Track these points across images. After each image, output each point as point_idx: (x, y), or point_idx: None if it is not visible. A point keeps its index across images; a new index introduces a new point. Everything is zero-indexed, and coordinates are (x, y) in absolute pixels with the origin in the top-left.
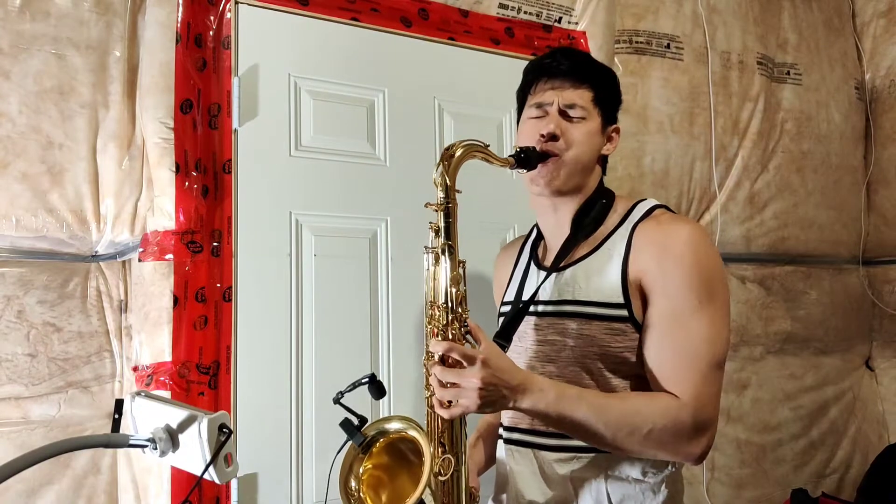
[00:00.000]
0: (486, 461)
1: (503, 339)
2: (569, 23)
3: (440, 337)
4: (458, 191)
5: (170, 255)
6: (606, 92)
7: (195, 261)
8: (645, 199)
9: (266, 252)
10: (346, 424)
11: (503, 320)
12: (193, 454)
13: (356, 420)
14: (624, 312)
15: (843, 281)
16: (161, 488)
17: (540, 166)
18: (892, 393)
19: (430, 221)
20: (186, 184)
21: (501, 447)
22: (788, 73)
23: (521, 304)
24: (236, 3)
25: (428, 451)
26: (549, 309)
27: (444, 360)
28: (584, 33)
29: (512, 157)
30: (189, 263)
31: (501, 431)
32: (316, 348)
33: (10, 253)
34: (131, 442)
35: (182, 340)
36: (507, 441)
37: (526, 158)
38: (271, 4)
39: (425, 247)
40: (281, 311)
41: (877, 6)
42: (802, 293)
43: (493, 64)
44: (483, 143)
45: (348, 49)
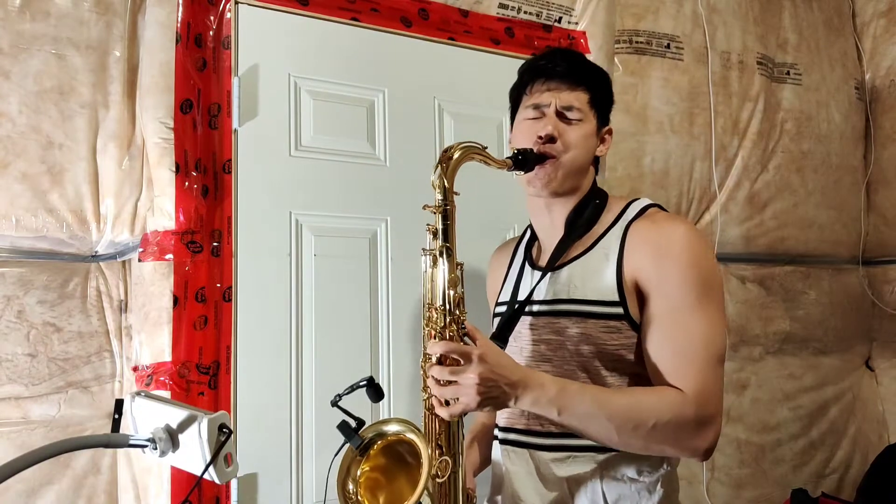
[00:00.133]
0: (482, 462)
1: (499, 339)
2: (569, 23)
3: (437, 339)
4: (456, 193)
5: (170, 255)
6: (602, 94)
7: (195, 261)
8: (638, 198)
9: (266, 252)
10: (343, 427)
11: (499, 321)
12: (193, 454)
13: (354, 422)
14: (619, 310)
15: (843, 281)
16: (161, 488)
17: (537, 168)
18: (892, 393)
19: (428, 223)
20: (186, 184)
21: (497, 448)
22: (788, 73)
23: (517, 305)
24: (236, 3)
25: (426, 453)
26: (545, 308)
27: (441, 361)
28: (584, 33)
29: (510, 158)
30: (189, 263)
31: (497, 432)
32: (316, 348)
33: (10, 253)
34: (131, 442)
35: (182, 340)
36: (502, 442)
37: (523, 160)
38: (271, 4)
39: (423, 249)
40: (281, 311)
41: (877, 6)
42: (802, 293)
43: (493, 64)
44: (481, 145)
45: (348, 49)
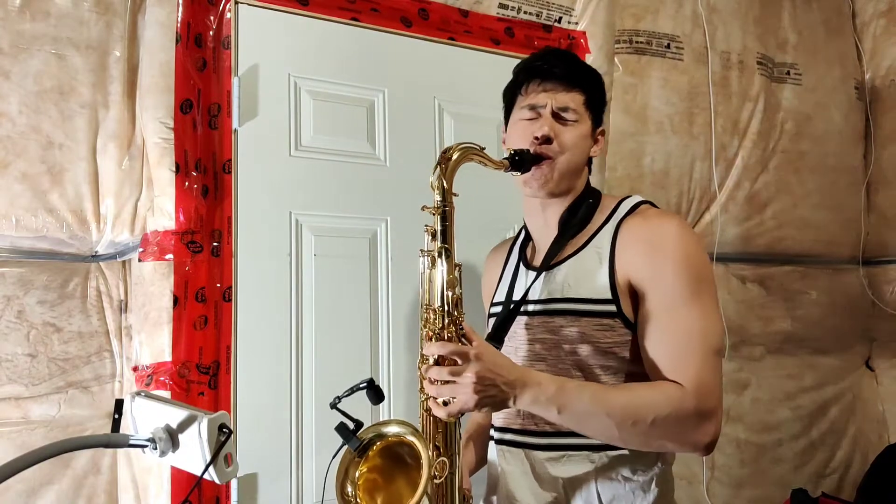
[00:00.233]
0: (477, 462)
1: (495, 340)
2: (569, 23)
3: (435, 339)
4: (455, 194)
5: (170, 255)
6: (596, 95)
7: (195, 261)
8: (630, 195)
9: (266, 252)
10: (341, 429)
11: (494, 321)
12: (193, 454)
13: (352, 424)
14: (612, 308)
15: (843, 281)
16: (161, 488)
17: (534, 169)
18: (892, 393)
19: (427, 224)
20: (186, 184)
21: (493, 448)
22: (788, 73)
23: (512, 305)
24: (236, 3)
25: (426, 456)
26: (539, 308)
27: (438, 362)
28: (584, 33)
29: (506, 159)
30: (189, 263)
31: (493, 432)
32: (316, 348)
33: (10, 253)
34: (131, 442)
35: (182, 340)
36: (498, 442)
37: (520, 161)
38: (271, 4)
39: (421, 250)
40: (281, 311)
41: (877, 6)
42: (802, 293)
43: (493, 64)
44: (479, 146)
45: (348, 49)
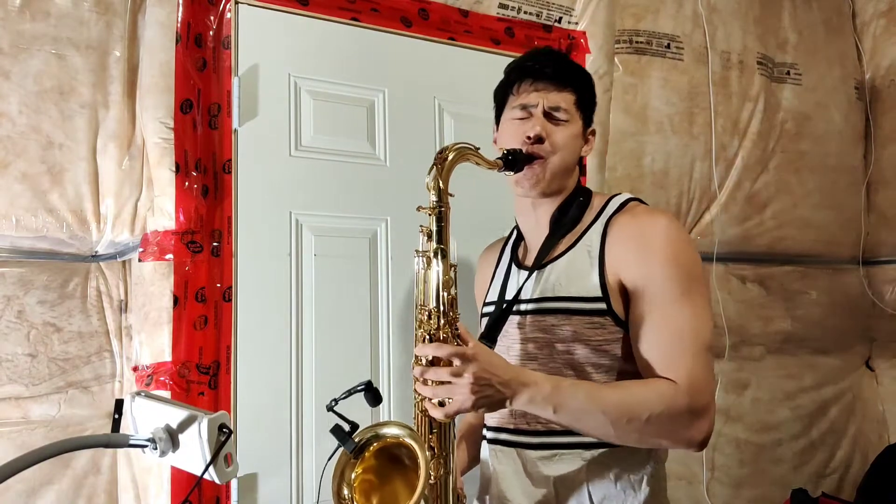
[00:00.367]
0: (470, 461)
1: (488, 339)
2: (569, 23)
3: (429, 340)
4: (450, 194)
5: (170, 255)
6: (587, 95)
7: (195, 261)
8: (619, 193)
9: (266, 252)
10: (337, 431)
11: (487, 321)
12: (193, 454)
13: (347, 426)
14: (602, 306)
15: (843, 281)
16: (161, 488)
17: (526, 168)
18: (892, 393)
19: (422, 225)
20: (186, 184)
21: (485, 448)
22: (788, 72)
23: (504, 304)
24: (236, 3)
25: (423, 458)
26: (531, 307)
27: (432, 363)
28: (584, 33)
29: (500, 159)
30: (189, 263)
31: (486, 432)
32: (316, 348)
33: (10, 253)
34: (131, 442)
35: (182, 340)
36: (490, 441)
37: (513, 160)
38: (271, 4)
39: (416, 250)
40: (281, 311)
41: (877, 6)
42: (802, 293)
43: (494, 64)
44: (474, 146)
45: (348, 49)
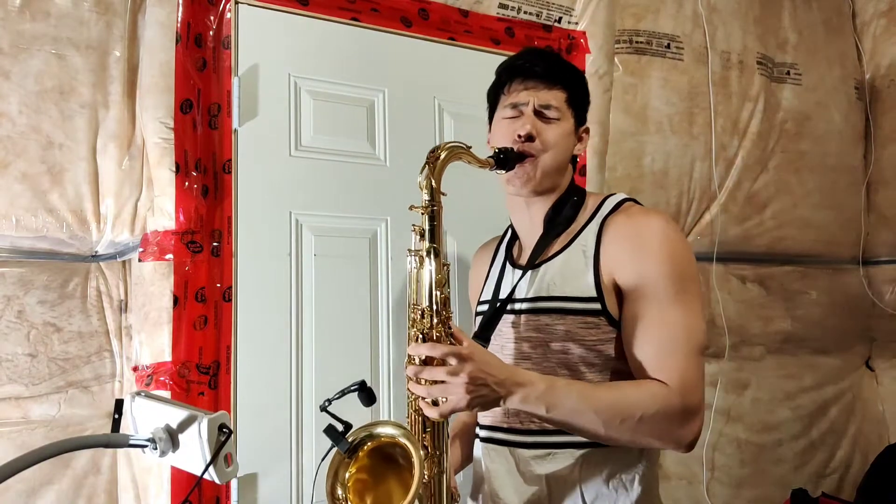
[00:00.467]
0: (463, 460)
1: (481, 338)
2: (569, 23)
3: (422, 339)
4: (443, 193)
5: (170, 255)
6: (579, 93)
7: (195, 261)
8: (614, 193)
9: (266, 252)
10: (330, 431)
11: (480, 320)
12: (193, 454)
13: (340, 426)
14: (597, 306)
15: (843, 281)
16: (161, 488)
17: (517, 167)
18: (892, 393)
19: (414, 224)
20: (186, 184)
21: (478, 446)
22: (788, 72)
23: (498, 304)
24: (236, 3)
25: (418, 458)
26: (525, 307)
27: (426, 362)
28: (584, 33)
29: (491, 157)
30: (189, 263)
31: (479, 431)
32: (316, 348)
33: (10, 253)
34: (131, 442)
35: (182, 340)
36: (484, 440)
37: (505, 159)
38: (271, 4)
39: (409, 249)
40: (281, 311)
41: (877, 6)
42: (802, 293)
43: (494, 64)
44: (465, 145)
45: (348, 49)
